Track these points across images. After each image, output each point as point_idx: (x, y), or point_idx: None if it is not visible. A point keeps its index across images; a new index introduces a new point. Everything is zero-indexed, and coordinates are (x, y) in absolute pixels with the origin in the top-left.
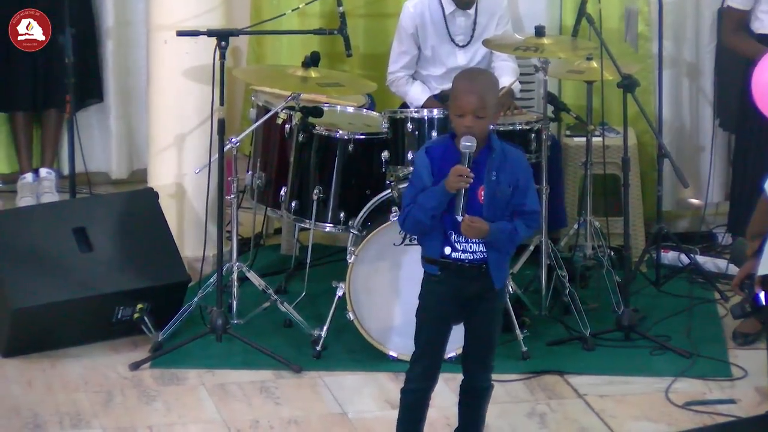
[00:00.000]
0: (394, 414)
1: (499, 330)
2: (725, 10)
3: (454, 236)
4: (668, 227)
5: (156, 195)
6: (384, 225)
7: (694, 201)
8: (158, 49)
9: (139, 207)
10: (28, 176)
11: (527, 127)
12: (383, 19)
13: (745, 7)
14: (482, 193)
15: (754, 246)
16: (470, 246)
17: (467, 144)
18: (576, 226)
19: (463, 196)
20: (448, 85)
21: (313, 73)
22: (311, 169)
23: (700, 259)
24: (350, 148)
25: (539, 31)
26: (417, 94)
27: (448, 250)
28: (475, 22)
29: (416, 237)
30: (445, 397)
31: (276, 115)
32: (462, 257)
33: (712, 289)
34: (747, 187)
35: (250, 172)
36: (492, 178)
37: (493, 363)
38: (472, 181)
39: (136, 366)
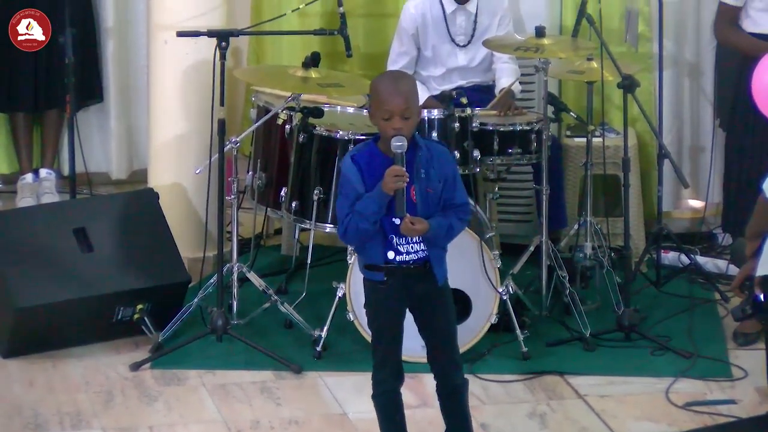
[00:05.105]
0: None
1: (455, 326)
2: (718, 6)
3: (395, 240)
4: (668, 227)
5: (156, 195)
6: None
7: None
8: (159, 49)
9: (139, 207)
10: (29, 176)
11: (528, 128)
12: (383, 19)
13: (737, 4)
14: (414, 192)
15: (753, 247)
16: (412, 246)
17: (399, 144)
18: (576, 227)
19: (403, 196)
20: (448, 86)
21: (313, 73)
22: (312, 170)
23: (701, 259)
24: (351, 149)
25: (539, 32)
26: None
27: (391, 254)
28: (475, 22)
29: (355, 247)
30: None
31: (276, 115)
32: (406, 259)
33: (712, 290)
34: (743, 186)
35: (250, 173)
36: (422, 176)
37: (460, 359)
38: (408, 180)
39: (136, 366)
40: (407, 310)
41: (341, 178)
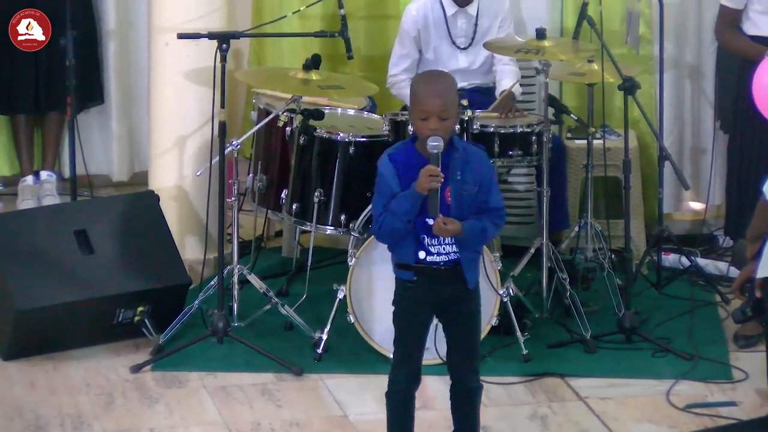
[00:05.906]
0: None
1: (479, 331)
2: (719, 9)
3: (427, 240)
4: (669, 229)
5: (157, 197)
6: None
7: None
8: (159, 51)
9: (140, 209)
10: (29, 179)
11: (528, 130)
12: (384, 21)
13: (737, 7)
14: (449, 193)
15: (754, 249)
16: (444, 248)
17: (435, 144)
18: (577, 229)
19: (436, 196)
20: None
21: (314, 75)
22: (312, 172)
23: (701, 261)
24: (351, 151)
25: (540, 34)
26: None
27: (422, 254)
28: (476, 25)
29: (388, 245)
30: (445, 398)
31: (277, 117)
32: (437, 260)
33: (713, 292)
34: (744, 188)
35: (251, 175)
36: (457, 178)
37: (478, 364)
38: (443, 180)
39: (137, 368)
40: (434, 314)
41: (377, 176)
